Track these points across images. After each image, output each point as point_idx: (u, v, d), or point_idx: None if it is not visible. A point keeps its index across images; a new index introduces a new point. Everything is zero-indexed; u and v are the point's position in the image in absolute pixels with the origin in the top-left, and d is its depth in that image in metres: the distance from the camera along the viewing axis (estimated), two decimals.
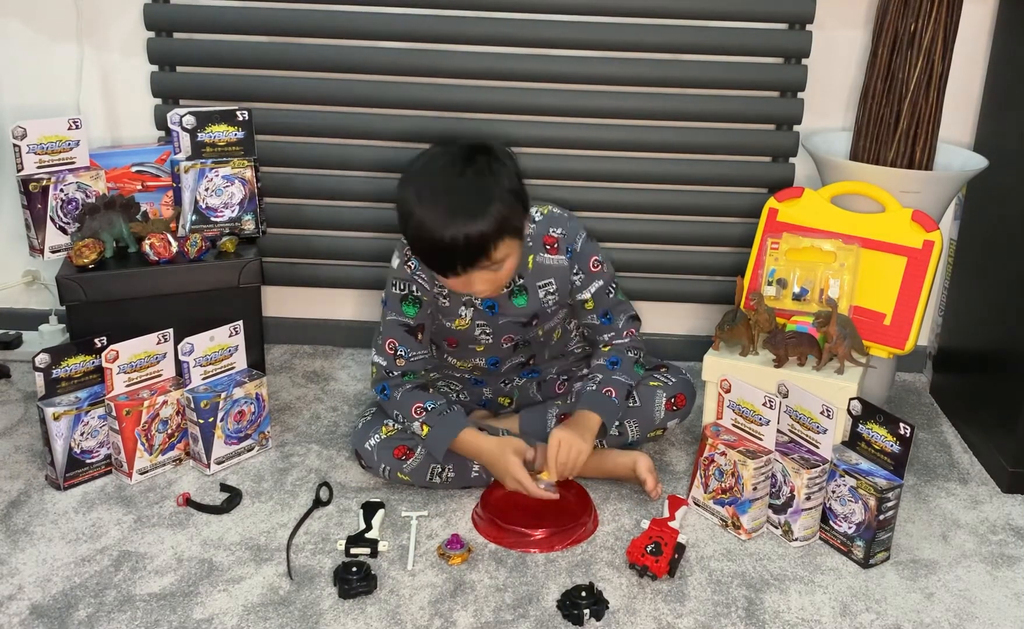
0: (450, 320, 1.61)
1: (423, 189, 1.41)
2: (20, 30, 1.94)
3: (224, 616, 1.28)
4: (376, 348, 1.60)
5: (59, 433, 1.53)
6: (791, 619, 1.32)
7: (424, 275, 1.55)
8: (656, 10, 1.87)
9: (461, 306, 1.59)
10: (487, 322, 1.61)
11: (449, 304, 1.59)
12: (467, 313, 1.59)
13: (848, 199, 1.75)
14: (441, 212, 1.37)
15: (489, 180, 1.40)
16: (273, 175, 1.96)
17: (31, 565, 1.38)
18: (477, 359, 1.69)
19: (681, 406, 1.66)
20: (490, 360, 1.69)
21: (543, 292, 1.58)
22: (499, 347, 1.66)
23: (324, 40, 1.91)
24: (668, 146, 1.95)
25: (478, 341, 1.64)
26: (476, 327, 1.61)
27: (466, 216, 1.37)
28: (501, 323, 1.61)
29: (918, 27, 1.67)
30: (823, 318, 1.60)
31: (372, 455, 1.56)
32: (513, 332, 1.63)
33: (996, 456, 1.70)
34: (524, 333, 1.64)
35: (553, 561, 1.42)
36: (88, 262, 1.67)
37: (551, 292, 1.58)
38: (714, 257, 2.03)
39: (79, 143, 1.76)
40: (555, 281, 1.58)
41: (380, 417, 1.60)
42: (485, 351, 1.66)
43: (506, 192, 1.41)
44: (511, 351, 1.67)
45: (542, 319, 1.62)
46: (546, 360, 1.74)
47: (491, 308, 1.59)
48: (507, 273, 1.46)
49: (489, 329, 1.62)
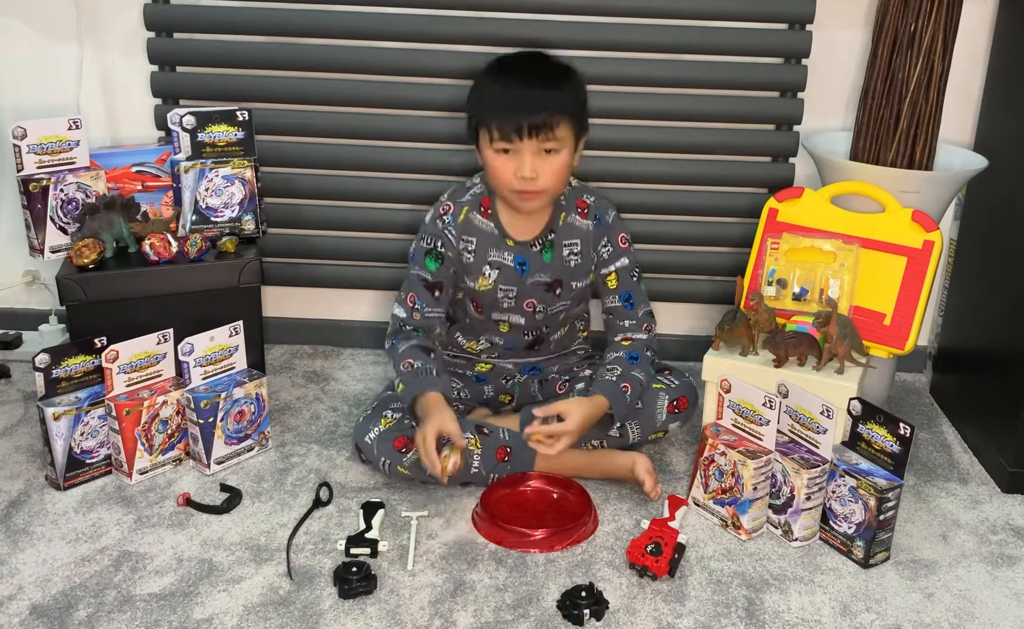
0: (473, 279, 1.64)
1: (504, 58, 1.59)
2: (20, 30, 1.94)
3: (224, 616, 1.28)
4: (398, 301, 1.65)
5: (59, 433, 1.53)
6: (791, 619, 1.32)
7: (453, 232, 1.63)
8: (656, 10, 1.87)
9: (486, 266, 1.64)
10: (511, 284, 1.64)
11: (474, 260, 1.63)
12: (492, 274, 1.64)
13: (848, 199, 1.75)
14: (520, 64, 1.55)
15: (572, 71, 1.57)
16: (273, 175, 1.96)
17: (31, 565, 1.38)
18: (497, 337, 1.71)
19: (683, 409, 1.66)
20: (508, 344, 1.72)
21: (567, 251, 1.64)
22: (519, 326, 1.69)
23: (324, 40, 1.91)
24: (668, 146, 1.95)
25: (500, 306, 1.66)
26: (499, 290, 1.65)
27: (544, 78, 1.52)
28: (528, 284, 1.65)
29: (918, 27, 1.67)
30: (823, 318, 1.60)
31: (372, 449, 1.56)
32: (536, 297, 1.66)
33: (996, 456, 1.70)
34: (546, 301, 1.66)
35: (553, 561, 1.42)
36: (88, 262, 1.67)
37: (575, 253, 1.64)
38: (714, 257, 2.03)
39: (79, 143, 1.76)
40: (580, 243, 1.65)
41: (380, 411, 1.59)
42: (509, 329, 1.70)
43: (582, 92, 1.57)
44: (529, 333, 1.71)
45: (565, 290, 1.66)
46: (550, 352, 1.76)
47: (522, 265, 1.64)
48: (553, 174, 1.53)
49: (513, 292, 1.65)
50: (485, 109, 1.54)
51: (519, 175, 1.53)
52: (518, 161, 1.52)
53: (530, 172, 1.51)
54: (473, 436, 1.56)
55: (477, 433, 1.57)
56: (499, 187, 1.59)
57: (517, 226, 1.65)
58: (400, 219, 2.00)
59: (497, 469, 1.57)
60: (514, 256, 1.64)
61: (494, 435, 1.58)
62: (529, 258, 1.65)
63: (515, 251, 1.65)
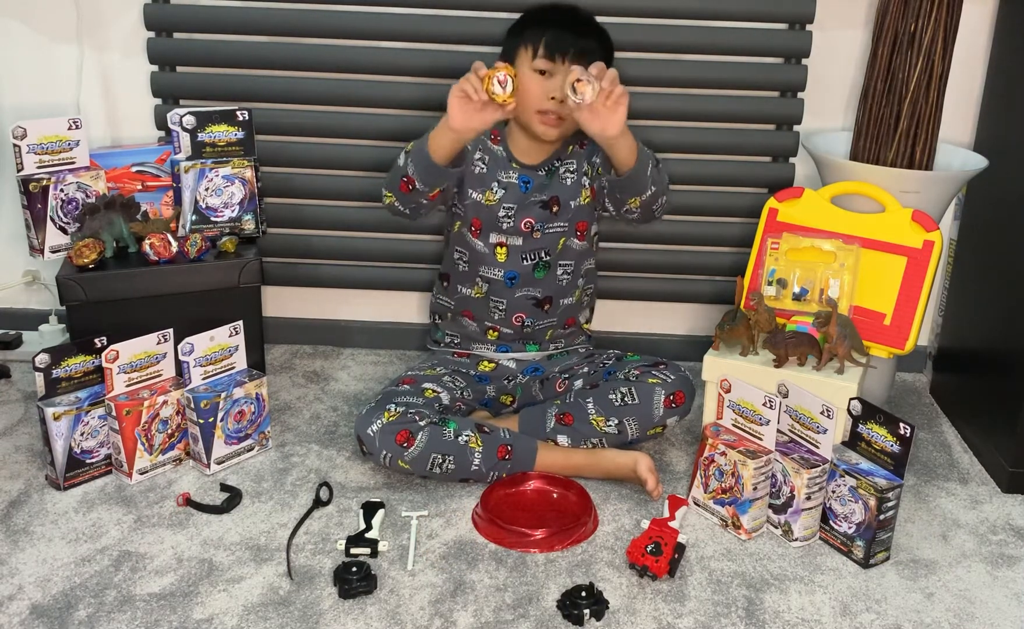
0: (481, 192, 1.71)
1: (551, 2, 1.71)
2: (20, 30, 1.94)
3: (224, 616, 1.28)
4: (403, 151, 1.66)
5: (59, 433, 1.53)
6: (791, 619, 1.32)
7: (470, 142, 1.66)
8: (657, 10, 1.87)
9: (495, 182, 1.71)
10: (513, 201, 1.71)
11: (486, 173, 1.71)
12: (499, 192, 1.71)
13: (848, 199, 1.75)
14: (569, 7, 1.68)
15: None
16: (273, 175, 1.96)
17: (31, 565, 1.38)
18: (496, 270, 1.74)
19: (680, 403, 1.66)
20: (508, 274, 1.74)
21: (563, 169, 1.73)
22: (516, 248, 1.72)
23: (324, 40, 1.91)
24: (668, 146, 1.95)
25: (499, 226, 1.71)
26: (502, 208, 1.71)
27: (591, 23, 1.68)
28: (527, 203, 1.71)
29: (918, 27, 1.67)
30: (823, 318, 1.60)
31: (374, 441, 1.56)
32: (533, 216, 1.71)
33: (996, 456, 1.70)
34: (543, 219, 1.71)
35: (553, 561, 1.42)
36: (88, 262, 1.67)
37: (571, 171, 1.73)
38: (714, 257, 2.03)
39: (79, 143, 1.76)
40: (575, 162, 1.73)
41: (384, 404, 1.59)
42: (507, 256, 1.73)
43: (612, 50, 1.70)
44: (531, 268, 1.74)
45: (562, 209, 1.72)
46: (560, 308, 1.78)
47: (527, 183, 1.71)
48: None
49: (513, 210, 1.70)
50: (537, 31, 1.62)
51: (550, 95, 1.61)
52: (553, 82, 1.60)
53: (562, 94, 1.53)
54: (474, 433, 1.57)
55: (478, 431, 1.57)
56: (526, 107, 1.64)
57: (524, 151, 1.72)
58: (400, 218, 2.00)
59: (498, 467, 1.57)
60: (519, 175, 1.72)
61: (495, 433, 1.59)
62: (534, 179, 1.72)
63: (519, 172, 1.72)
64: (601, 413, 1.62)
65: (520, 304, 1.76)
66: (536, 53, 1.61)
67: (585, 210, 1.74)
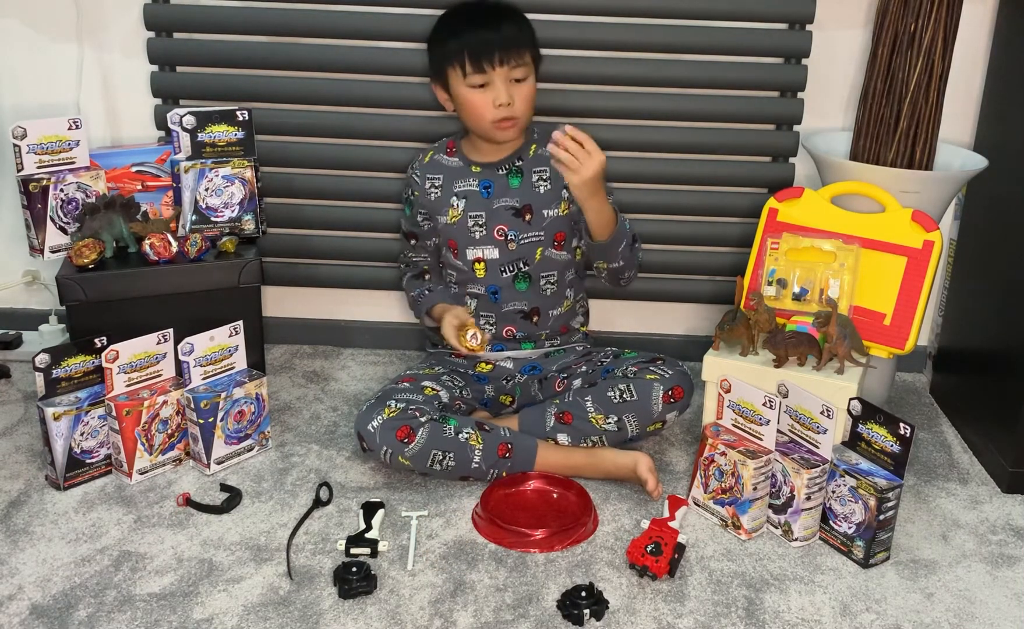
0: (444, 213, 1.74)
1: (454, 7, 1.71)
2: (20, 30, 1.94)
3: (224, 616, 1.28)
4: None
5: (59, 433, 1.53)
6: (791, 619, 1.32)
7: (418, 173, 1.79)
8: (656, 10, 1.87)
9: (453, 196, 1.74)
10: (479, 209, 1.72)
11: (441, 194, 1.75)
12: (459, 204, 1.73)
13: (848, 199, 1.75)
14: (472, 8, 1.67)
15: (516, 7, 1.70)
16: (273, 175, 1.96)
17: (31, 565, 1.38)
18: (478, 287, 1.75)
19: (679, 398, 1.65)
20: (490, 288, 1.75)
21: (536, 177, 1.73)
22: (494, 262, 1.73)
23: (324, 40, 1.91)
24: (668, 146, 1.95)
25: (472, 237, 1.73)
26: (469, 218, 1.72)
27: (500, 14, 1.65)
28: (495, 208, 1.72)
29: (918, 27, 1.67)
30: (823, 318, 1.60)
31: (375, 437, 1.56)
32: (505, 223, 1.72)
33: (996, 456, 1.70)
34: (517, 228, 1.71)
35: (553, 561, 1.42)
36: (88, 262, 1.67)
37: (544, 178, 1.73)
38: (714, 257, 2.03)
39: (79, 143, 1.76)
40: (549, 170, 1.72)
41: (385, 400, 1.59)
42: (485, 272, 1.74)
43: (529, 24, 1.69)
44: (511, 280, 1.74)
45: (536, 217, 1.71)
46: (550, 319, 1.78)
47: (487, 187, 1.72)
48: (524, 100, 1.66)
49: (483, 218, 1.72)
50: (456, 49, 1.63)
51: (497, 103, 1.63)
52: (493, 91, 1.63)
53: (506, 97, 1.62)
54: (474, 431, 1.57)
55: (478, 429, 1.57)
56: (477, 122, 1.67)
57: (484, 152, 1.75)
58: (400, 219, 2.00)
59: (498, 465, 1.57)
60: (479, 181, 1.73)
61: (495, 432, 1.59)
62: (494, 181, 1.73)
63: (480, 176, 1.74)
64: (600, 411, 1.62)
65: (508, 318, 1.77)
66: (465, 71, 1.64)
67: (562, 221, 1.74)
